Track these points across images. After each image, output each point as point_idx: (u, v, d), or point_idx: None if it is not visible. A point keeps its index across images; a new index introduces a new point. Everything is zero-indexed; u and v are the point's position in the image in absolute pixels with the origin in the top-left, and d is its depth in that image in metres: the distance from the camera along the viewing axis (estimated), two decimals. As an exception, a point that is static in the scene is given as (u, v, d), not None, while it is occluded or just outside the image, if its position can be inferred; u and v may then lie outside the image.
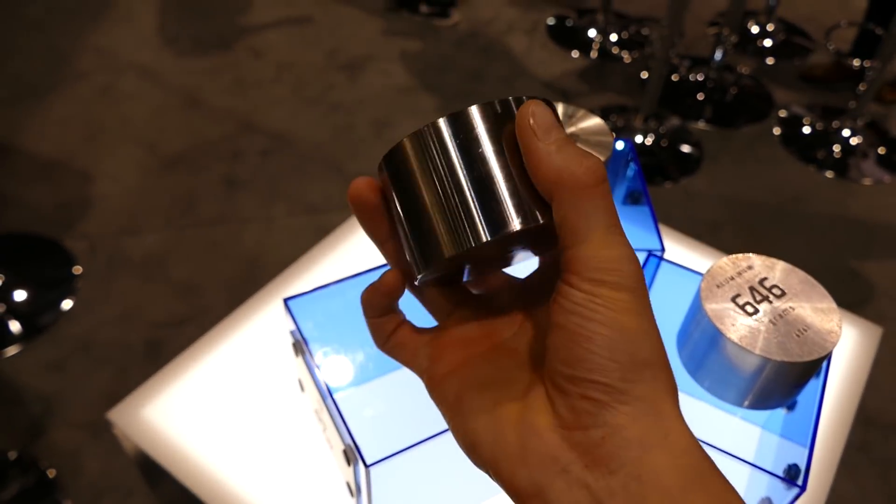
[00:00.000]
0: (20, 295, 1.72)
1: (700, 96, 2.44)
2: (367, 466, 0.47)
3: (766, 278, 0.49)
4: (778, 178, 2.17)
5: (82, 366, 1.57)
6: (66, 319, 1.66)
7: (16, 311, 1.68)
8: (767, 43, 2.71)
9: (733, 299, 0.48)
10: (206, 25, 2.65)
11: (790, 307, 0.48)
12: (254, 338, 0.70)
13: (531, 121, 0.25)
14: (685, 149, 2.24)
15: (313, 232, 1.90)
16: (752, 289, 0.49)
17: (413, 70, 2.49)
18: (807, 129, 2.34)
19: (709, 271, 0.50)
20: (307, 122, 2.25)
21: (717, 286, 0.49)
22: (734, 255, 0.50)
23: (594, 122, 0.61)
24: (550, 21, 2.76)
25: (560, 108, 0.62)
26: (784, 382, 0.48)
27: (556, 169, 0.25)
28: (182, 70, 2.43)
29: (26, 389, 1.52)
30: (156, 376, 0.66)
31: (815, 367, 0.47)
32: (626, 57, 2.60)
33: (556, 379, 0.26)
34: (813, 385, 0.51)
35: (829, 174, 2.19)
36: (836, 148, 2.26)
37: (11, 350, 1.59)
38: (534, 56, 2.59)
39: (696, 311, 0.49)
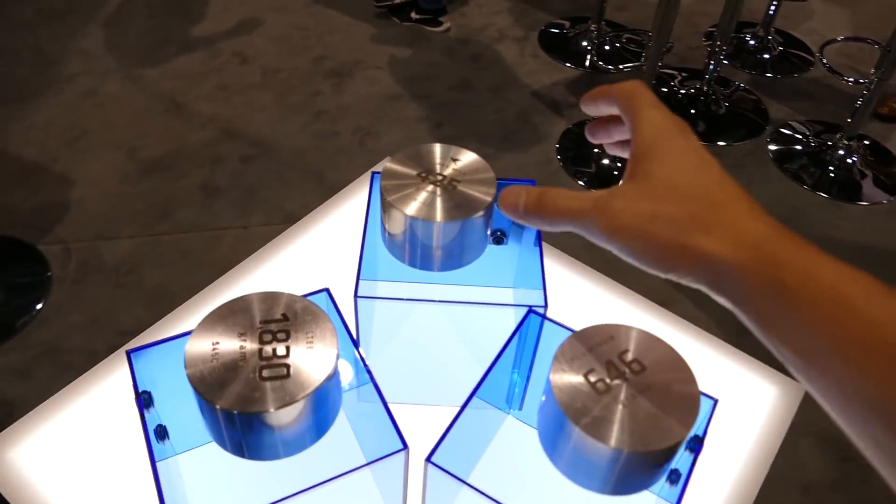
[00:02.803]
0: (-8, 298, 1.72)
1: (692, 110, 2.38)
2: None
3: (626, 350, 0.45)
4: (769, 197, 2.11)
5: (46, 372, 1.57)
6: (37, 324, 1.66)
7: (-14, 314, 1.68)
8: (765, 56, 2.64)
9: (585, 375, 0.44)
10: (194, 29, 2.64)
11: (648, 385, 0.44)
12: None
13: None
14: (674, 164, 2.18)
15: (286, 243, 1.87)
16: (608, 363, 0.45)
17: (401, 78, 2.45)
18: (802, 147, 2.28)
19: (564, 343, 0.46)
20: (289, 129, 2.22)
21: (572, 359, 0.45)
22: (600, 324, 0.47)
23: (470, 158, 0.55)
24: (543, 30, 2.71)
25: (438, 148, 0.57)
26: (644, 469, 0.44)
27: None
28: (167, 74, 2.41)
29: (-11, 395, 1.52)
30: (27, 416, 0.64)
31: (674, 451, 0.43)
32: (619, 68, 2.55)
33: None
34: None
35: (823, 194, 2.12)
36: (832, 167, 2.19)
37: (-23, 354, 1.59)
38: (525, 65, 2.54)
39: (547, 389, 0.45)
